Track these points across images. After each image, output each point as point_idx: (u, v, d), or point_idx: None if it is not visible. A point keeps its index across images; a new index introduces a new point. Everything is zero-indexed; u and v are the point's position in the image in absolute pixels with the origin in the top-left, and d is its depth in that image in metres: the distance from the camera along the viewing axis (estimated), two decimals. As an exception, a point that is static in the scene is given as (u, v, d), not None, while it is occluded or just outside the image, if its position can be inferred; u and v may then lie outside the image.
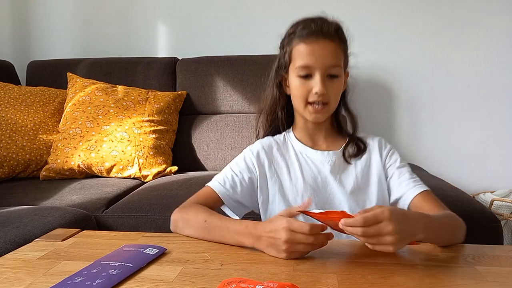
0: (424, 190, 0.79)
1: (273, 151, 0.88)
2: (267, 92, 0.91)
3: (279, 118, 0.91)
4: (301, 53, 0.80)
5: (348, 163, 0.86)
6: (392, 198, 0.84)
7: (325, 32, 0.78)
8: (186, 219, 0.75)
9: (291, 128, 0.92)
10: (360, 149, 0.86)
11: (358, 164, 0.86)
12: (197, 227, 0.73)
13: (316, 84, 0.78)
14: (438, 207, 0.77)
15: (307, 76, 0.80)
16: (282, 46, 0.86)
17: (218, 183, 0.84)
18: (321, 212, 0.63)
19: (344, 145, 0.87)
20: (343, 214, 0.60)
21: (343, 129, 0.91)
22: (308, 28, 0.79)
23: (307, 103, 0.81)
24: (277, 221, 0.62)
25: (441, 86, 1.91)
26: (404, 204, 0.81)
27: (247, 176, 0.85)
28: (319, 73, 0.78)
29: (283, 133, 0.93)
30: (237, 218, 0.83)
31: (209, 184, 0.85)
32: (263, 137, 0.93)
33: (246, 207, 0.87)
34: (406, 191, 0.81)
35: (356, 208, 0.81)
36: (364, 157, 0.86)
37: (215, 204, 0.81)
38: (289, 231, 0.60)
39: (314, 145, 0.88)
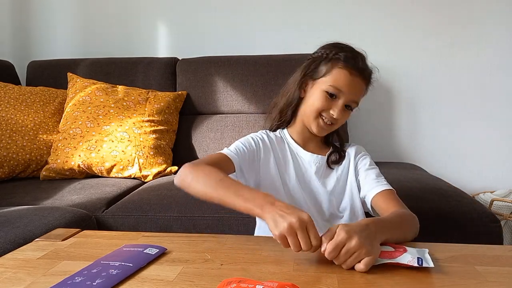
0: (384, 189, 0.86)
1: (275, 142, 0.97)
2: (288, 88, 0.97)
3: (287, 116, 0.98)
4: (341, 77, 0.87)
5: (331, 168, 0.96)
6: (361, 196, 0.92)
7: (365, 74, 0.90)
8: (197, 175, 0.76)
9: (285, 128, 1.01)
10: (341, 157, 0.97)
11: (339, 169, 0.96)
12: (207, 184, 0.74)
13: (336, 108, 0.88)
14: (395, 205, 0.81)
15: (332, 96, 0.88)
16: (325, 56, 0.90)
17: (230, 151, 0.88)
18: None
19: (329, 152, 0.97)
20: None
21: (330, 141, 1.01)
22: (355, 61, 0.88)
23: (319, 115, 0.90)
24: (303, 212, 0.62)
25: (441, 86, 1.91)
26: (367, 202, 0.89)
27: (254, 151, 0.92)
28: (343, 101, 0.88)
29: (278, 130, 1.01)
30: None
31: (222, 151, 0.89)
32: (268, 129, 1.01)
33: (244, 179, 0.90)
34: (369, 190, 0.88)
35: (333, 205, 0.91)
36: (344, 163, 0.96)
37: (227, 168, 0.85)
38: (302, 222, 0.59)
39: (304, 147, 0.97)
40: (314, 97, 0.90)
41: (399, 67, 1.93)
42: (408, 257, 0.60)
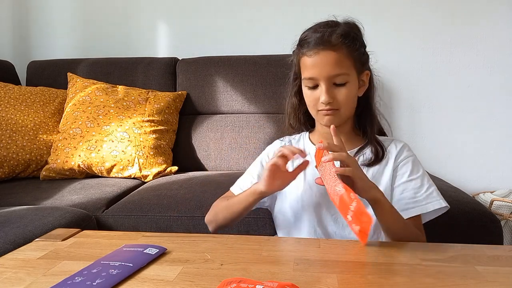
0: (411, 217, 0.78)
1: None
2: (288, 100, 0.94)
3: (302, 123, 0.94)
4: (306, 65, 0.81)
5: (364, 165, 0.83)
6: None
7: (325, 42, 0.78)
8: (214, 213, 0.88)
9: (308, 131, 0.95)
10: (378, 156, 0.84)
11: (370, 170, 0.84)
12: (221, 210, 0.86)
13: (321, 94, 0.80)
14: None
15: (314, 85, 0.82)
16: (293, 56, 0.88)
17: (240, 189, 0.91)
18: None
19: (359, 147, 0.86)
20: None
21: (366, 132, 0.88)
22: (310, 39, 0.80)
23: (318, 110, 0.83)
24: None
25: (441, 86, 1.91)
26: None
27: None
28: (324, 84, 0.79)
29: (301, 134, 0.96)
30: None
31: (231, 189, 0.95)
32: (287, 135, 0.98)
33: (263, 205, 0.94)
34: (400, 211, 0.78)
35: None
36: (380, 163, 0.84)
37: None
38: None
39: None
40: (305, 97, 0.86)
41: (399, 67, 1.93)
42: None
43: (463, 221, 1.09)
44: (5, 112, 1.58)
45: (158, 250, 0.65)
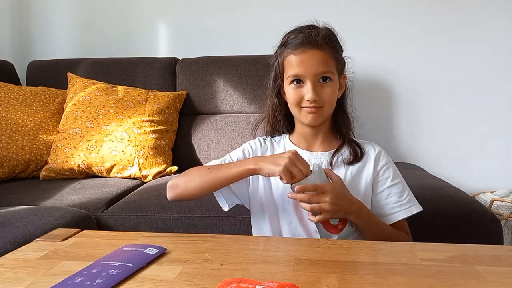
0: (400, 220, 0.83)
1: (267, 149, 0.95)
2: (268, 101, 0.95)
3: (281, 124, 0.96)
4: (292, 63, 0.84)
5: (343, 164, 0.87)
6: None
7: (312, 41, 0.81)
8: (187, 178, 0.85)
9: (288, 133, 0.96)
10: (357, 155, 0.87)
11: (349, 169, 0.87)
12: (200, 176, 0.83)
13: (307, 91, 0.82)
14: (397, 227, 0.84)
15: (300, 83, 0.84)
16: (276, 57, 0.90)
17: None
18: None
19: (337, 147, 0.89)
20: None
21: (342, 133, 0.91)
22: (296, 39, 0.83)
23: (301, 107, 0.85)
24: (287, 151, 0.76)
25: (440, 86, 1.91)
26: None
27: None
28: (310, 81, 0.82)
29: (282, 135, 0.97)
30: (227, 206, 0.89)
31: (207, 164, 0.89)
32: (265, 135, 0.99)
33: (236, 198, 0.90)
34: (386, 215, 0.84)
35: None
36: (358, 165, 0.87)
37: None
38: (295, 155, 0.75)
39: (308, 148, 0.91)
40: (288, 95, 0.87)
41: (398, 67, 1.93)
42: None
43: (463, 221, 1.09)
44: (5, 112, 1.58)
45: (158, 250, 0.65)
